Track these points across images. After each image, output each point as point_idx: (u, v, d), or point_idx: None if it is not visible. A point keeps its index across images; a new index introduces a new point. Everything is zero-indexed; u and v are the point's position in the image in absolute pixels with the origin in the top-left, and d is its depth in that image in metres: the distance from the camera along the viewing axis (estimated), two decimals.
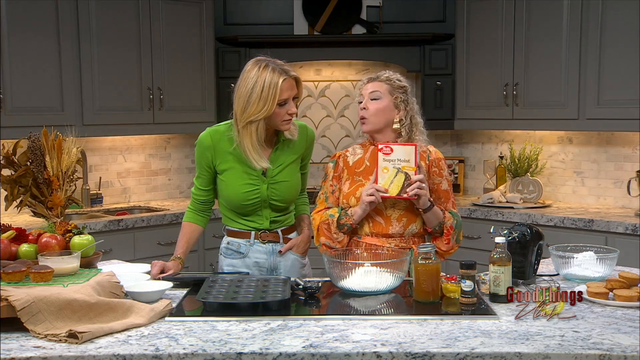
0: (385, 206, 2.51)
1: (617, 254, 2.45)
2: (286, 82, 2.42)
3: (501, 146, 4.89)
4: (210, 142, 2.55)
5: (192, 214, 2.65)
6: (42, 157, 2.75)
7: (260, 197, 2.55)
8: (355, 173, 2.59)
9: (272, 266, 2.63)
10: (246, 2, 4.85)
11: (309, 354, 1.71)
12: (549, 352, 1.71)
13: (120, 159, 4.74)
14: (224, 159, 2.54)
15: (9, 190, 2.76)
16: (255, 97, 2.40)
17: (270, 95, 2.40)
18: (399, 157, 2.43)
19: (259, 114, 2.41)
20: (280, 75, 2.41)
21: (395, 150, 2.44)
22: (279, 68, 2.43)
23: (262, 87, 2.40)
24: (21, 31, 3.89)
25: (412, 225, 2.53)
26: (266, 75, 2.40)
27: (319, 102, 5.17)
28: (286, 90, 2.43)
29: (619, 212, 4.11)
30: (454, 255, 2.68)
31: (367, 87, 2.59)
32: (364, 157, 2.61)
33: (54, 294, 1.86)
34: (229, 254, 2.65)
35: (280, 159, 2.57)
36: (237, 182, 2.54)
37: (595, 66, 4.06)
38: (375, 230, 2.53)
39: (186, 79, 4.61)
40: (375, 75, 2.61)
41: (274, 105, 2.41)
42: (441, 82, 4.77)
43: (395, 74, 2.63)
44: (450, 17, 4.77)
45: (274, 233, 2.62)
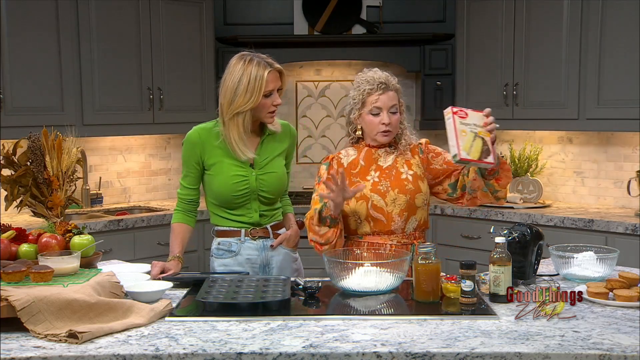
0: (386, 202, 2.52)
1: (617, 254, 2.45)
2: (271, 74, 2.53)
3: (501, 146, 4.89)
4: (199, 138, 2.62)
5: (181, 214, 2.69)
6: (42, 157, 2.75)
7: (249, 187, 2.60)
8: (352, 174, 2.60)
9: (264, 262, 2.66)
10: (246, 2, 4.85)
11: (309, 354, 1.72)
12: (549, 352, 1.72)
13: (120, 159, 4.74)
14: (212, 154, 2.61)
15: (9, 190, 2.76)
16: (242, 90, 2.50)
17: (257, 87, 2.50)
18: (475, 122, 2.36)
19: (246, 105, 2.51)
20: (265, 68, 2.52)
21: (469, 115, 2.36)
22: (264, 61, 2.54)
23: (248, 80, 2.50)
24: (21, 31, 3.89)
25: (413, 219, 2.55)
26: (252, 69, 2.51)
27: (319, 102, 5.17)
28: (271, 82, 2.53)
29: (619, 212, 4.11)
30: (454, 255, 2.68)
31: (382, 99, 2.53)
32: (358, 157, 2.62)
33: (54, 294, 1.86)
34: (220, 254, 2.68)
35: (267, 152, 2.65)
36: (226, 174, 2.59)
37: (595, 66, 4.06)
38: (377, 229, 2.54)
39: (186, 79, 4.61)
40: (384, 83, 2.54)
41: (260, 96, 2.51)
42: (441, 82, 4.77)
43: (392, 75, 2.61)
44: (450, 17, 4.77)
45: (264, 229, 2.67)
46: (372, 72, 2.59)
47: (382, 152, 2.61)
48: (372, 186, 2.55)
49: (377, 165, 2.59)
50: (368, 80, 2.56)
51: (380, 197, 2.53)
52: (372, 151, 2.62)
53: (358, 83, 2.60)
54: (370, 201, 2.53)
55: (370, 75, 2.57)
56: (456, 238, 4.29)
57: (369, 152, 2.62)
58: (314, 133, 5.17)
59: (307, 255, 2.89)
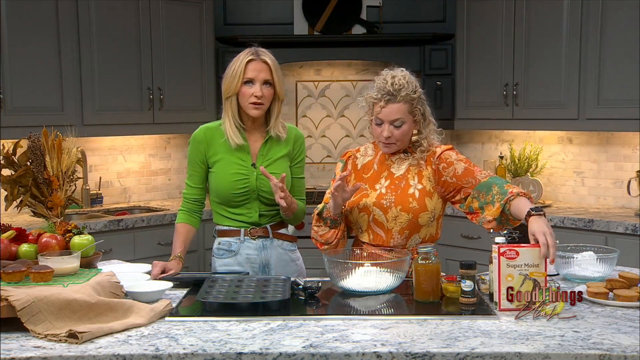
0: (387, 219, 2.45)
1: (617, 254, 2.45)
2: (253, 63, 2.55)
3: (501, 146, 4.89)
4: (204, 136, 2.65)
5: (186, 215, 2.69)
6: (42, 157, 2.74)
7: (249, 186, 2.60)
8: (362, 179, 2.53)
9: (264, 261, 2.65)
10: (246, 2, 4.85)
11: (309, 354, 1.72)
12: (549, 352, 1.71)
13: (120, 159, 4.74)
14: (216, 151, 2.63)
15: (9, 190, 2.76)
16: (230, 75, 2.58)
17: (237, 73, 2.55)
18: (526, 262, 2.07)
19: (229, 91, 2.58)
20: (248, 56, 2.56)
21: (521, 254, 2.06)
22: (254, 50, 2.59)
23: (232, 66, 2.58)
24: (21, 31, 3.89)
25: (415, 236, 2.47)
26: (240, 56, 2.58)
27: (319, 102, 5.17)
28: (251, 71, 2.55)
29: (619, 212, 4.11)
30: (454, 255, 2.67)
31: (385, 112, 2.39)
32: (374, 160, 2.56)
33: (54, 294, 1.86)
34: (220, 254, 2.68)
35: (269, 153, 2.65)
36: (227, 171, 2.60)
37: (595, 66, 4.06)
38: (377, 242, 2.49)
39: (186, 79, 4.61)
40: (391, 94, 2.38)
41: (239, 83, 2.55)
42: (441, 82, 4.77)
43: (405, 77, 2.44)
44: (450, 17, 4.77)
45: (264, 228, 2.66)
46: (390, 76, 2.41)
47: (396, 158, 2.52)
48: (377, 199, 2.46)
49: (390, 173, 2.50)
50: (379, 86, 2.41)
51: (382, 212, 2.45)
52: (386, 156, 2.53)
53: (373, 85, 2.44)
54: (372, 215, 2.47)
55: (385, 80, 2.41)
56: (456, 238, 4.29)
57: (383, 157, 2.54)
58: (314, 133, 5.17)
59: (308, 255, 2.89)
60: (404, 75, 2.44)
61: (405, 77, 2.44)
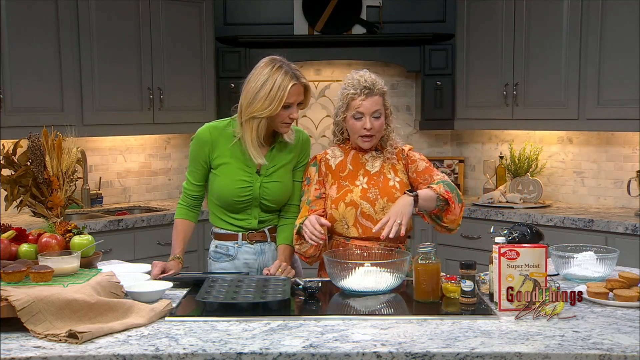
0: (375, 210, 2.51)
1: (617, 254, 2.45)
2: (295, 87, 2.47)
3: (501, 146, 4.89)
4: (209, 136, 2.58)
5: (185, 210, 2.67)
6: (42, 157, 2.74)
7: (252, 194, 2.57)
8: (340, 177, 2.59)
9: (262, 266, 2.63)
10: (246, 2, 4.85)
11: (309, 354, 1.72)
12: (549, 352, 1.72)
13: (120, 159, 4.74)
14: (220, 154, 2.58)
15: (9, 190, 2.76)
16: (263, 95, 2.44)
17: (278, 97, 2.44)
18: (527, 262, 2.07)
19: (263, 112, 2.45)
20: (291, 80, 2.46)
21: (522, 255, 2.07)
22: (292, 72, 2.48)
23: (271, 87, 2.44)
24: (21, 31, 3.89)
25: None
26: (278, 77, 2.45)
27: (319, 102, 5.17)
28: (293, 95, 2.47)
29: (619, 212, 4.11)
30: (454, 255, 2.68)
31: (365, 104, 2.50)
32: (346, 160, 2.61)
33: (54, 294, 1.86)
34: (217, 257, 2.67)
35: (275, 159, 2.60)
36: (231, 177, 2.56)
37: (595, 66, 4.06)
38: (365, 235, 2.52)
39: (186, 79, 4.61)
40: (368, 88, 2.50)
41: (280, 107, 2.45)
42: (441, 82, 4.77)
43: (371, 74, 2.55)
44: (450, 17, 4.77)
45: (261, 232, 2.64)
46: (359, 75, 2.54)
47: (369, 156, 2.60)
48: (362, 193, 2.53)
49: (365, 170, 2.58)
50: (353, 83, 2.52)
51: (370, 204, 2.52)
52: (359, 155, 2.61)
53: (344, 85, 2.56)
54: (360, 208, 2.52)
55: (356, 79, 2.53)
56: (456, 238, 4.28)
57: (356, 156, 2.60)
58: (314, 133, 5.17)
59: None
60: (369, 73, 2.57)
61: (371, 74, 2.57)
